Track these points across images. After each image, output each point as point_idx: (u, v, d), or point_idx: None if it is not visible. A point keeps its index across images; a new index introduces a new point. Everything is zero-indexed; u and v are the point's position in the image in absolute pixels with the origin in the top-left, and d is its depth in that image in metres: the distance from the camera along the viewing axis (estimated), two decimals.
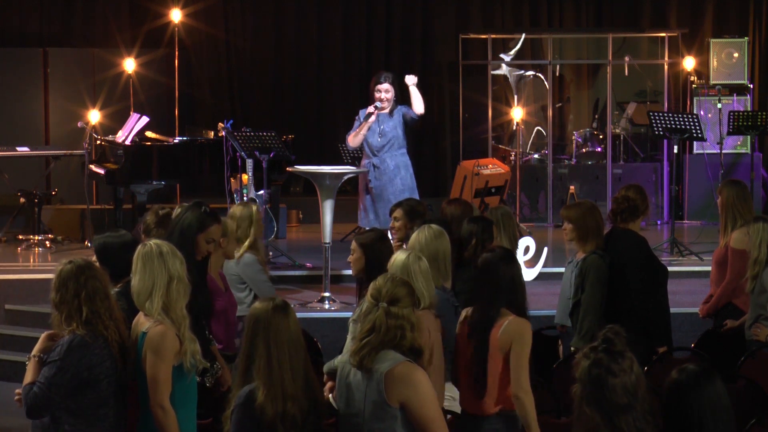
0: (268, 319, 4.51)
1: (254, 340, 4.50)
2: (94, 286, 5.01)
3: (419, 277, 5.40)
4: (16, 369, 9.32)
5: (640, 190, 7.33)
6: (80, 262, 5.08)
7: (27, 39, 15.60)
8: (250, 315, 4.57)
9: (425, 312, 5.40)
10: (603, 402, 3.87)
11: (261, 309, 4.55)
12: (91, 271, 5.04)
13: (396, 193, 9.72)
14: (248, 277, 7.32)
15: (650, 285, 7.11)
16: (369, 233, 6.39)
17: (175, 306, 5.05)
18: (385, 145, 10.10)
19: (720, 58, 14.40)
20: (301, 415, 4.46)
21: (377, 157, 10.12)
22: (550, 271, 10.29)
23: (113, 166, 12.07)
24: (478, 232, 6.88)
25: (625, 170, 14.45)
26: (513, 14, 16.01)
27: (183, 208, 6.19)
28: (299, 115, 15.90)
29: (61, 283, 4.99)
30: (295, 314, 4.61)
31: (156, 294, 5.03)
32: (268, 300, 4.63)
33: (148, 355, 4.98)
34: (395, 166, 10.10)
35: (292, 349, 4.51)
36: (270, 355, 4.47)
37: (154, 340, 4.98)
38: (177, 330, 5.02)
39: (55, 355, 4.94)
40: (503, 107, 15.23)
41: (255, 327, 4.51)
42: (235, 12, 16.12)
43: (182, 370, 5.05)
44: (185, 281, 5.11)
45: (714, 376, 4.00)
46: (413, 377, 4.51)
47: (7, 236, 12.75)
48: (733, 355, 7.05)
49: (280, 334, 4.50)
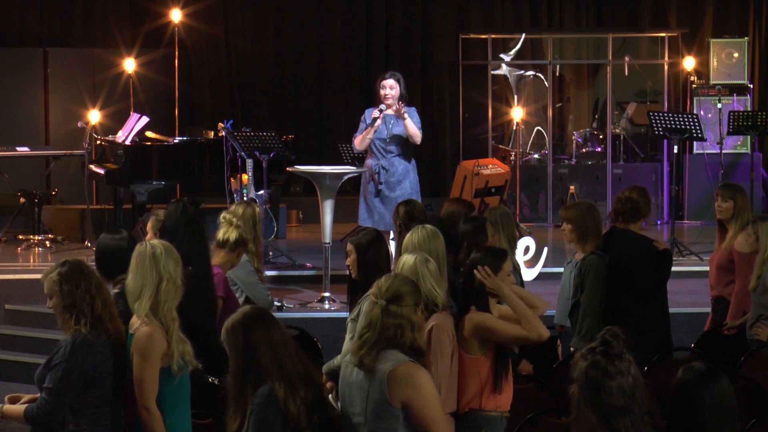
0: (262, 321, 4.52)
1: (250, 345, 4.49)
2: (98, 282, 5.03)
3: (429, 278, 5.36)
4: (16, 369, 9.34)
5: (643, 192, 7.33)
6: (75, 261, 5.08)
7: (27, 39, 15.60)
8: (236, 323, 4.55)
9: (443, 314, 5.39)
10: (600, 404, 3.87)
11: (248, 315, 4.55)
12: (89, 269, 5.06)
13: (404, 196, 9.60)
14: (240, 280, 7.30)
15: (649, 285, 7.11)
16: (363, 233, 6.37)
17: (163, 307, 5.02)
18: (394, 147, 9.88)
19: (720, 58, 14.40)
20: (316, 400, 4.49)
21: (386, 159, 9.87)
22: (550, 271, 10.29)
23: (113, 166, 12.06)
24: (470, 233, 6.85)
25: (625, 170, 14.46)
26: (513, 14, 16.01)
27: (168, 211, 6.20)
28: (299, 115, 15.90)
29: (72, 283, 4.97)
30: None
31: (145, 294, 5.03)
32: (247, 308, 4.64)
33: (135, 357, 4.98)
34: (404, 169, 9.90)
35: (290, 345, 4.53)
36: (277, 353, 4.47)
37: (140, 341, 4.98)
38: (165, 331, 5.01)
39: (59, 357, 4.94)
40: (503, 107, 15.23)
41: (249, 331, 4.51)
42: (235, 12, 16.12)
43: (171, 372, 5.04)
44: (177, 283, 5.09)
45: (720, 375, 3.99)
46: (416, 378, 4.51)
47: (7, 236, 12.75)
48: (734, 355, 7.05)
49: (276, 333, 4.51)
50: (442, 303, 5.42)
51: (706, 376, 3.96)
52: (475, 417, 5.45)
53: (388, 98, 9.84)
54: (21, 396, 5.18)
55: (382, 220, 9.75)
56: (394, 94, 9.82)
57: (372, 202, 9.95)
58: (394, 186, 9.83)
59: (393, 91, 9.84)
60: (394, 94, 9.83)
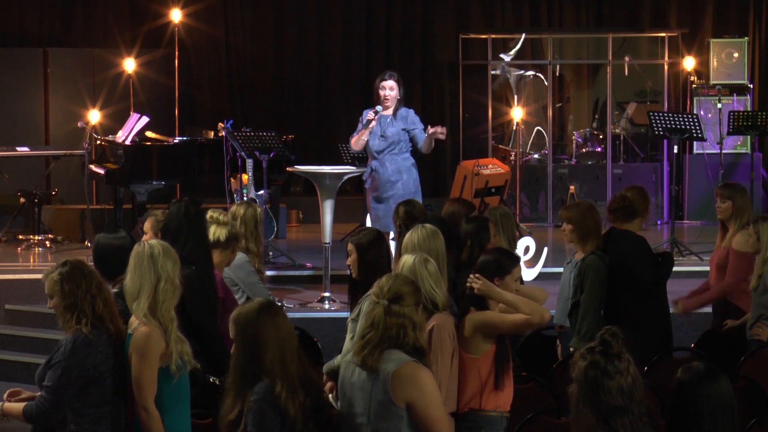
0: (274, 316, 4.52)
1: (260, 339, 4.49)
2: (98, 282, 5.03)
3: (428, 279, 5.35)
4: (16, 369, 9.34)
5: (640, 191, 7.31)
6: (76, 261, 5.08)
7: (27, 39, 15.60)
8: (250, 313, 4.55)
9: (444, 314, 5.39)
10: (599, 403, 3.87)
11: (258, 308, 4.55)
12: (90, 269, 5.06)
13: (397, 197, 9.55)
14: (240, 279, 7.29)
15: (649, 285, 7.11)
16: (364, 233, 6.37)
17: (161, 307, 5.02)
18: (386, 148, 9.77)
19: (720, 58, 14.40)
20: (314, 406, 4.49)
21: (377, 161, 9.84)
22: (550, 271, 10.28)
23: (113, 166, 12.07)
24: (473, 233, 6.86)
25: (625, 170, 14.46)
26: (513, 14, 16.00)
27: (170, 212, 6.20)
28: (299, 115, 15.90)
29: (73, 283, 4.97)
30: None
31: (143, 294, 5.03)
32: (263, 300, 4.64)
33: (133, 357, 4.98)
34: (395, 170, 9.78)
35: (294, 344, 4.54)
36: (283, 352, 4.47)
37: (139, 342, 4.97)
38: (163, 331, 5.01)
39: (59, 356, 4.94)
40: (503, 107, 15.23)
41: (260, 325, 4.50)
42: (235, 12, 16.11)
43: (169, 372, 5.03)
44: (175, 283, 5.08)
45: (719, 375, 4.00)
46: (419, 378, 4.51)
47: (7, 236, 12.75)
48: (734, 355, 7.05)
49: (283, 330, 4.52)
50: (442, 304, 5.41)
51: (706, 376, 3.97)
52: (475, 417, 5.45)
53: (387, 99, 9.76)
54: (21, 391, 5.18)
55: (378, 222, 9.69)
56: (394, 95, 9.76)
57: (369, 202, 9.95)
58: (384, 187, 9.78)
59: (393, 92, 9.76)
60: (393, 95, 9.76)
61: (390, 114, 9.78)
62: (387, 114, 9.80)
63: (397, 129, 9.75)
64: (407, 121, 9.79)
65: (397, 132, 9.76)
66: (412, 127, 9.78)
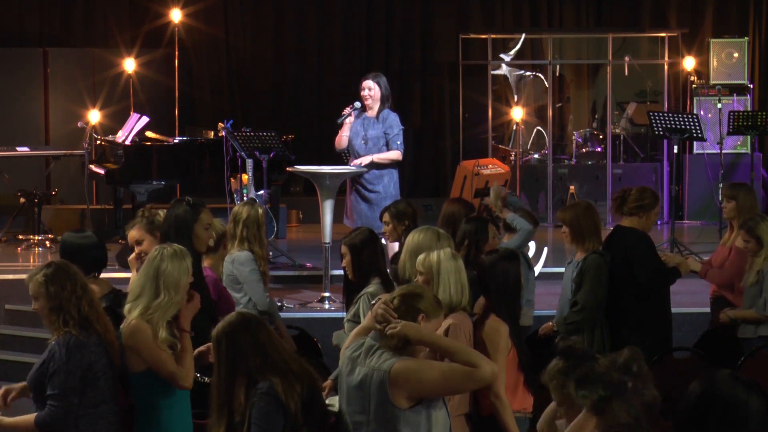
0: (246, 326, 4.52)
1: (237, 351, 4.48)
2: (83, 283, 5.02)
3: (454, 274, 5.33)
4: (16, 369, 9.33)
5: (644, 189, 7.33)
6: (60, 262, 5.07)
7: (27, 39, 15.60)
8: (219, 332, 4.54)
9: (461, 314, 5.38)
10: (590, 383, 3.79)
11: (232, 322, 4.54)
12: (75, 270, 5.05)
13: (378, 200, 9.61)
14: (241, 276, 7.30)
15: (650, 284, 7.11)
16: (356, 234, 6.38)
17: (153, 316, 5.01)
18: (370, 148, 9.86)
19: (720, 58, 14.40)
20: (311, 399, 4.51)
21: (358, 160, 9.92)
22: (550, 271, 10.27)
23: (113, 166, 12.07)
24: (471, 233, 6.86)
25: (625, 170, 14.46)
26: (513, 14, 16.01)
27: (177, 212, 6.20)
28: (299, 115, 15.90)
29: (58, 285, 4.95)
30: None
31: (140, 303, 5.03)
32: (231, 315, 4.62)
33: (132, 353, 4.98)
34: (376, 173, 9.87)
35: (278, 345, 4.56)
36: (266, 354, 4.48)
37: (131, 335, 4.97)
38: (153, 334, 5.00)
39: (56, 362, 4.92)
40: (503, 107, 15.23)
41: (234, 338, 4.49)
42: (235, 12, 16.11)
43: None
44: (175, 300, 5.05)
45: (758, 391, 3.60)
46: (410, 371, 4.46)
47: (7, 236, 12.75)
48: (733, 355, 7.05)
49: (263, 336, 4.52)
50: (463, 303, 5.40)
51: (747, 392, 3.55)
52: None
53: (366, 99, 9.92)
54: (12, 388, 5.16)
55: (360, 219, 9.69)
56: (373, 95, 9.87)
57: (351, 201, 9.95)
58: (374, 183, 9.80)
59: (372, 92, 9.89)
60: (372, 95, 9.88)
61: (373, 116, 9.87)
62: (371, 116, 9.89)
63: (378, 131, 9.84)
64: (385, 123, 9.86)
65: (377, 135, 9.84)
66: (387, 131, 9.85)
